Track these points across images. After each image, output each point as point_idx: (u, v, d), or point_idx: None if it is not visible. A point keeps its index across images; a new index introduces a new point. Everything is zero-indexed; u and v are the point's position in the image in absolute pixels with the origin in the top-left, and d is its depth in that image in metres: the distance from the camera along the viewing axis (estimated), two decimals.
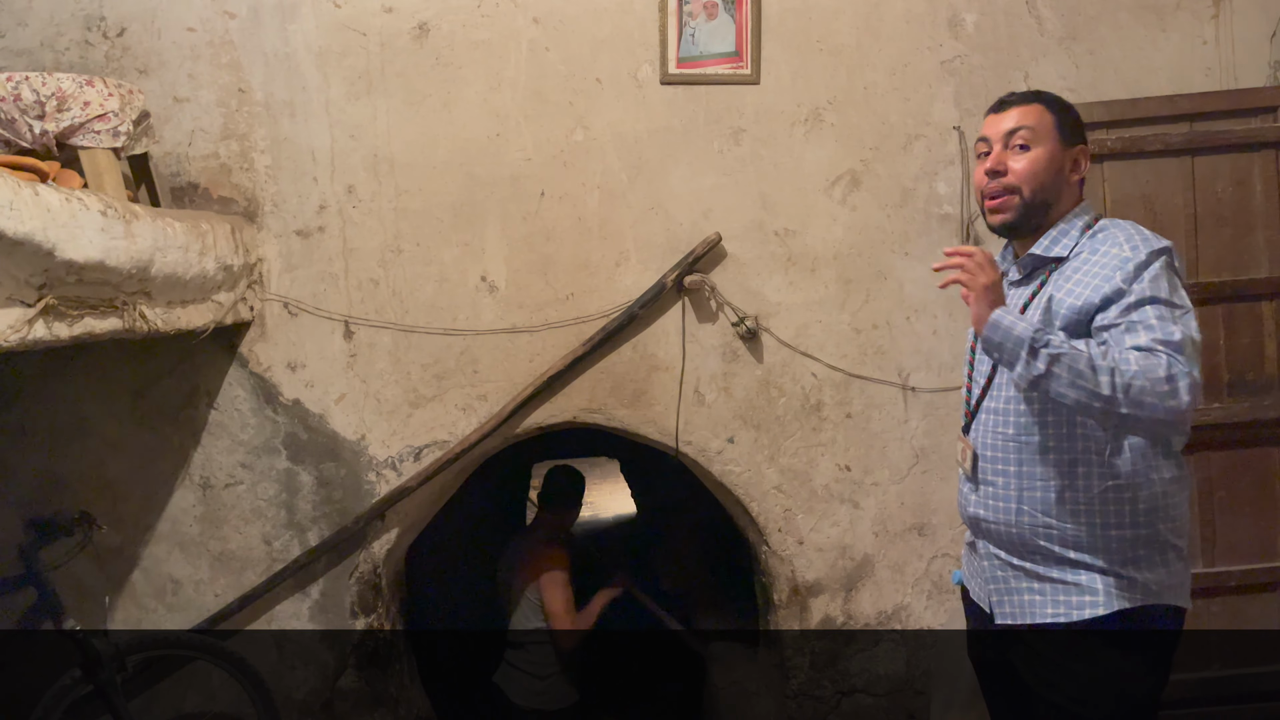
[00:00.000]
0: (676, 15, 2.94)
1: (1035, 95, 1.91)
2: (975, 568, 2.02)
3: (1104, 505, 1.78)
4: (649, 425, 3.05)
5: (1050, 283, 1.85)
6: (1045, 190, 1.86)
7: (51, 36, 2.92)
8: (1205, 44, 2.95)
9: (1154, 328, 1.66)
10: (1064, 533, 1.80)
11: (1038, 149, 1.85)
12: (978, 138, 1.95)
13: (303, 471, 3.01)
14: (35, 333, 1.95)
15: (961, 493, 2.02)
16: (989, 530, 1.92)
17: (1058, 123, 1.87)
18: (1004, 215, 1.89)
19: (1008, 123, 1.87)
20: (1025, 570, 1.86)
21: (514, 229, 2.99)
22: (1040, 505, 1.82)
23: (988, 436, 1.90)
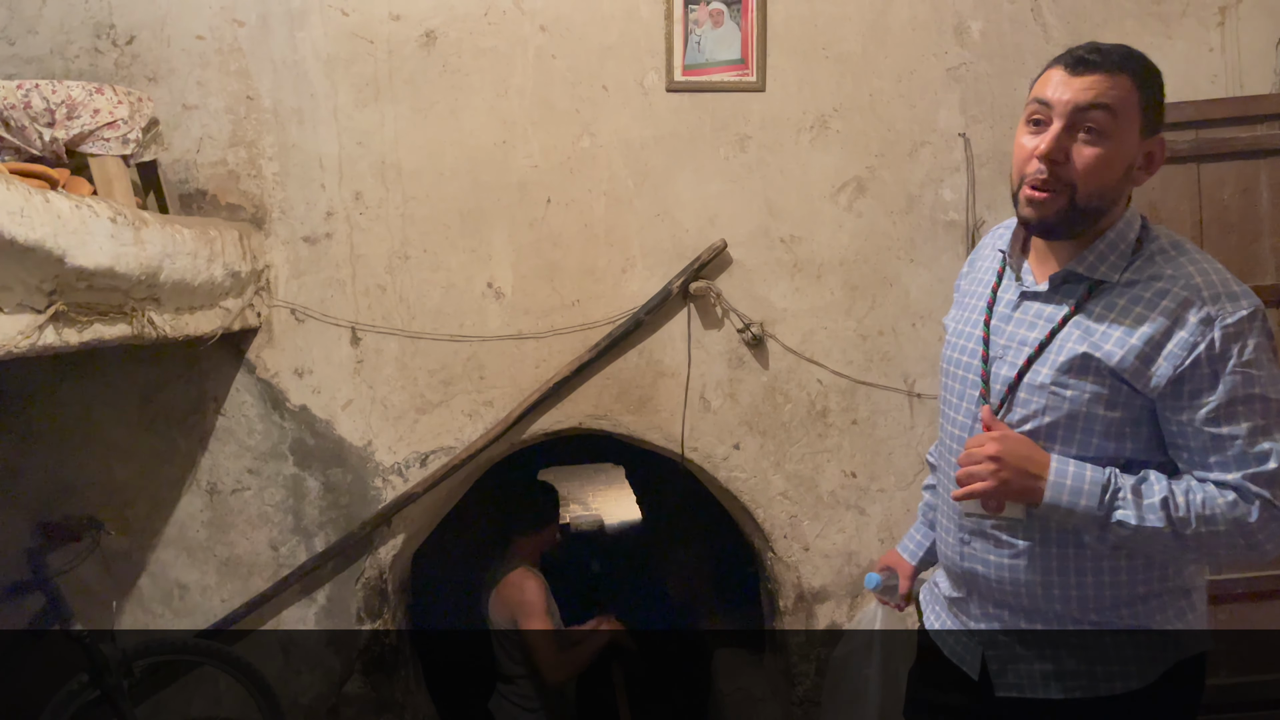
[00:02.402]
0: (682, 23, 2.95)
1: (1126, 57, 1.43)
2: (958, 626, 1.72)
3: (1131, 561, 1.50)
4: (655, 431, 3.05)
5: (1085, 311, 1.49)
6: (1105, 195, 1.46)
7: (61, 44, 2.94)
8: (1211, 51, 2.95)
9: (1245, 455, 1.40)
10: (1085, 593, 1.52)
11: (1112, 141, 1.42)
12: (1036, 97, 1.47)
13: (309, 477, 3.01)
14: (45, 338, 1.96)
15: (945, 541, 1.69)
16: (990, 589, 1.61)
17: (1143, 104, 1.43)
18: (1042, 213, 1.47)
19: (1083, 93, 1.41)
20: (1035, 635, 1.57)
21: (521, 235, 3.00)
22: (1058, 563, 1.52)
23: None
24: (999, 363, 1.58)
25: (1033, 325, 1.55)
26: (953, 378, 1.68)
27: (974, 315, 1.67)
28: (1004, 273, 1.66)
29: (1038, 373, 1.51)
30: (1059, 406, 1.49)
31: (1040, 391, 1.50)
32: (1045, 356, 1.51)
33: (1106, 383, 1.46)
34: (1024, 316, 1.57)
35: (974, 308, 1.69)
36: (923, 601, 1.88)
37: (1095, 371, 1.46)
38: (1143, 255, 1.50)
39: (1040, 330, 1.53)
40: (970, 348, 1.65)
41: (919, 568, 2.01)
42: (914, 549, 2.02)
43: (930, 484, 2.01)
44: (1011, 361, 1.56)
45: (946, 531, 1.70)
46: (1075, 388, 1.47)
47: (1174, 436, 1.47)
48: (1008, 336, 1.58)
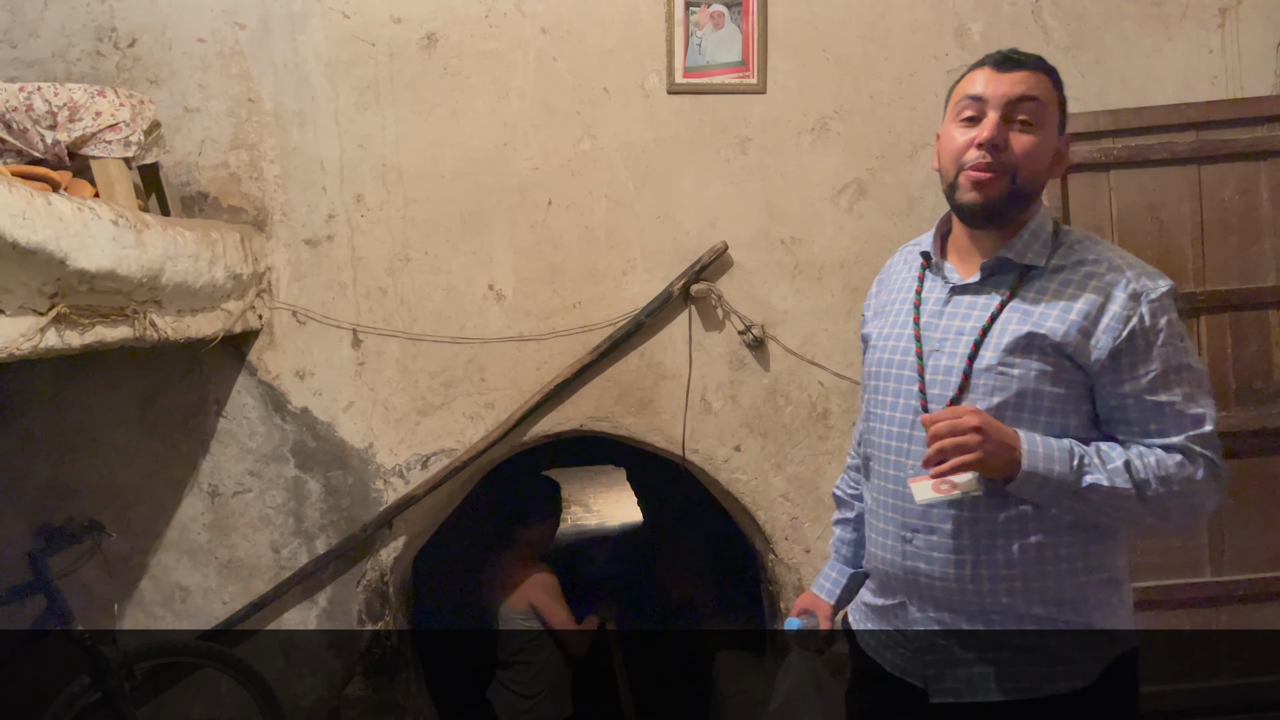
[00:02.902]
0: (683, 25, 2.95)
1: (1043, 62, 1.58)
2: (895, 636, 1.70)
3: (1072, 549, 1.55)
4: (656, 433, 3.05)
5: (1019, 297, 1.57)
6: (1037, 181, 1.58)
7: (63, 47, 2.95)
8: (1211, 53, 2.95)
9: (1184, 417, 1.49)
10: (1029, 585, 1.54)
11: (1043, 131, 1.55)
12: (966, 94, 1.59)
13: (311, 479, 3.02)
14: (47, 341, 1.96)
15: (883, 544, 1.68)
16: (930, 587, 1.60)
17: (1060, 103, 1.60)
18: (988, 194, 1.55)
19: (1015, 86, 1.54)
20: (977, 636, 1.57)
21: (521, 238, 3.00)
22: (1003, 556, 1.54)
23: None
24: (936, 355, 1.62)
25: (967, 316, 1.61)
26: (886, 379, 1.70)
27: (901, 319, 1.72)
28: (924, 277, 1.72)
29: (983, 357, 1.56)
30: (1008, 386, 1.53)
31: (988, 374, 1.55)
32: (988, 341, 1.56)
33: (1050, 360, 1.52)
34: (956, 310, 1.63)
35: (899, 312, 1.73)
36: (854, 623, 1.86)
37: (1039, 349, 1.52)
38: (1062, 244, 1.61)
39: (977, 319, 1.59)
40: (902, 347, 1.68)
41: (837, 606, 1.98)
42: (830, 587, 2.00)
43: (842, 518, 2.02)
44: (950, 352, 1.60)
45: (883, 535, 1.69)
46: (1021, 366, 1.53)
47: (1113, 410, 1.53)
48: (942, 330, 1.63)
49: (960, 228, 1.68)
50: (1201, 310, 2.83)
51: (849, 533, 2.00)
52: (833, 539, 2.05)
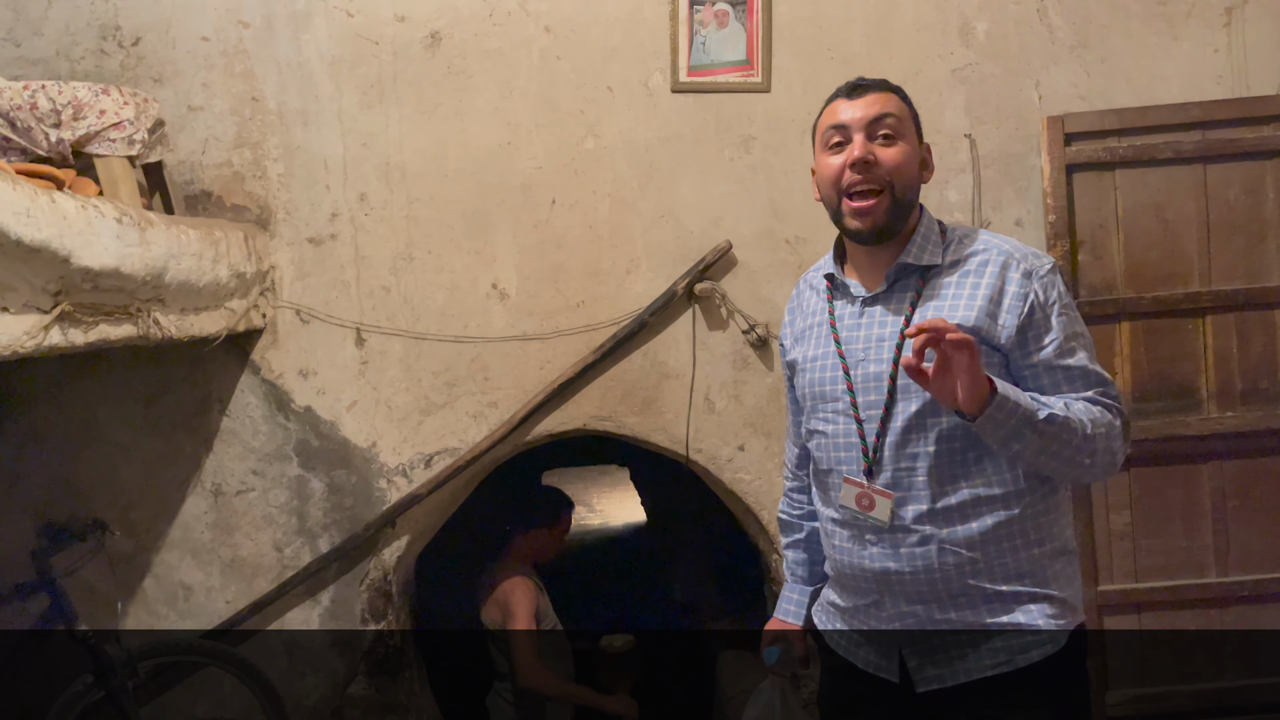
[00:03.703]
0: (687, 23, 2.95)
1: (886, 84, 1.74)
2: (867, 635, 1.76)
3: (1024, 523, 1.63)
4: (659, 433, 3.05)
5: (926, 297, 1.68)
6: (912, 188, 1.70)
7: (67, 46, 2.95)
8: (1217, 52, 2.94)
9: (1090, 375, 1.63)
10: (991, 564, 1.62)
11: (905, 141, 1.69)
12: (828, 126, 1.72)
13: (314, 478, 3.02)
14: (51, 339, 1.96)
15: (846, 550, 1.74)
16: (904, 584, 1.67)
17: (914, 115, 1.74)
18: (875, 218, 1.67)
19: (870, 107, 1.68)
20: (950, 621, 1.65)
21: (525, 237, 3.00)
22: (964, 540, 1.62)
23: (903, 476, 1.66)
24: (863, 364, 1.72)
25: (883, 323, 1.71)
26: (820, 398, 1.78)
27: (820, 338, 1.81)
28: (833, 298, 1.82)
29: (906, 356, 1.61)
30: None
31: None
32: (908, 342, 1.61)
33: None
34: (870, 320, 1.73)
35: (818, 335, 1.82)
36: (820, 624, 1.91)
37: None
38: (951, 241, 1.74)
39: (893, 324, 1.70)
40: (830, 364, 1.77)
41: (806, 626, 2.03)
42: (795, 610, 2.05)
43: (792, 540, 2.08)
44: (875, 359, 1.70)
45: (849, 542, 1.74)
46: None
47: (1027, 380, 1.64)
48: (863, 341, 1.73)
49: (855, 246, 1.78)
50: (1207, 310, 2.83)
51: (801, 553, 2.07)
52: (786, 562, 2.12)
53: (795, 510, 2.06)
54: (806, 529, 2.04)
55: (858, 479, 1.70)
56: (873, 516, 1.68)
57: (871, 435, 1.69)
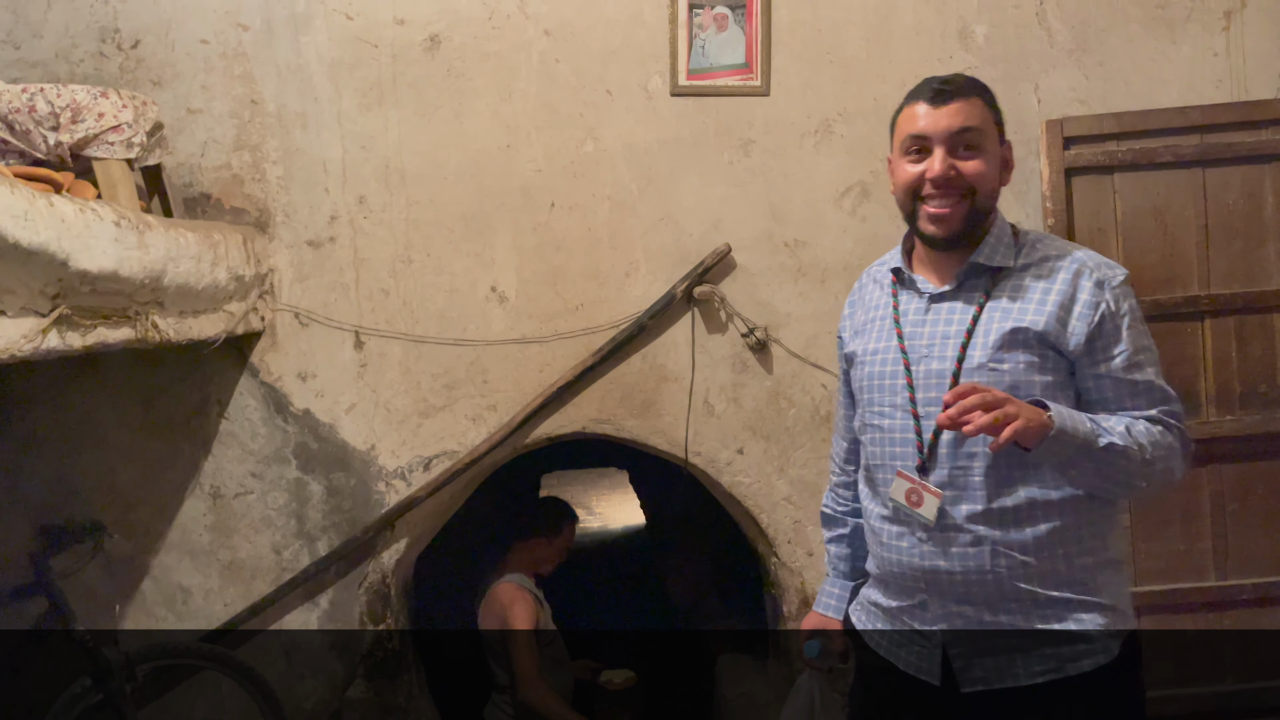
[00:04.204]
0: (687, 27, 2.95)
1: (972, 84, 1.71)
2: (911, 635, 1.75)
3: (1078, 530, 1.63)
4: (658, 436, 3.05)
5: (996, 298, 1.68)
6: (992, 195, 1.71)
7: (66, 48, 2.95)
8: (1216, 56, 2.94)
9: (1155, 391, 1.63)
10: (1043, 569, 1.62)
11: (986, 152, 1.68)
12: (907, 134, 1.71)
13: (312, 481, 3.01)
14: (49, 342, 1.96)
15: (895, 548, 1.74)
16: (953, 583, 1.66)
17: (996, 120, 1.72)
18: (951, 226, 1.68)
19: (952, 120, 1.66)
20: (999, 624, 1.64)
21: (524, 239, 3.00)
22: (1017, 544, 1.62)
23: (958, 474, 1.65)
24: (926, 360, 1.71)
25: (949, 321, 1.71)
26: (880, 390, 1.78)
27: (884, 333, 1.80)
28: (898, 292, 1.82)
29: (972, 357, 1.65)
30: (999, 380, 1.61)
31: (979, 371, 1.64)
32: (975, 341, 1.66)
33: (1035, 350, 1.63)
34: (937, 317, 1.73)
35: (880, 328, 1.82)
36: (859, 622, 1.91)
37: (1024, 342, 1.63)
38: (1024, 245, 1.73)
39: (959, 323, 1.69)
40: (890, 359, 1.76)
41: (846, 620, 2.02)
42: (836, 604, 2.05)
43: (836, 535, 2.08)
44: (939, 356, 1.70)
45: (897, 539, 1.74)
46: (1010, 360, 1.63)
47: (1092, 391, 1.65)
48: (927, 337, 1.73)
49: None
50: (1206, 314, 2.83)
51: (844, 548, 2.07)
52: (828, 556, 2.11)
53: (840, 506, 2.06)
54: (850, 524, 2.03)
55: (910, 474, 1.70)
56: (919, 513, 1.67)
57: (929, 432, 1.68)
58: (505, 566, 3.33)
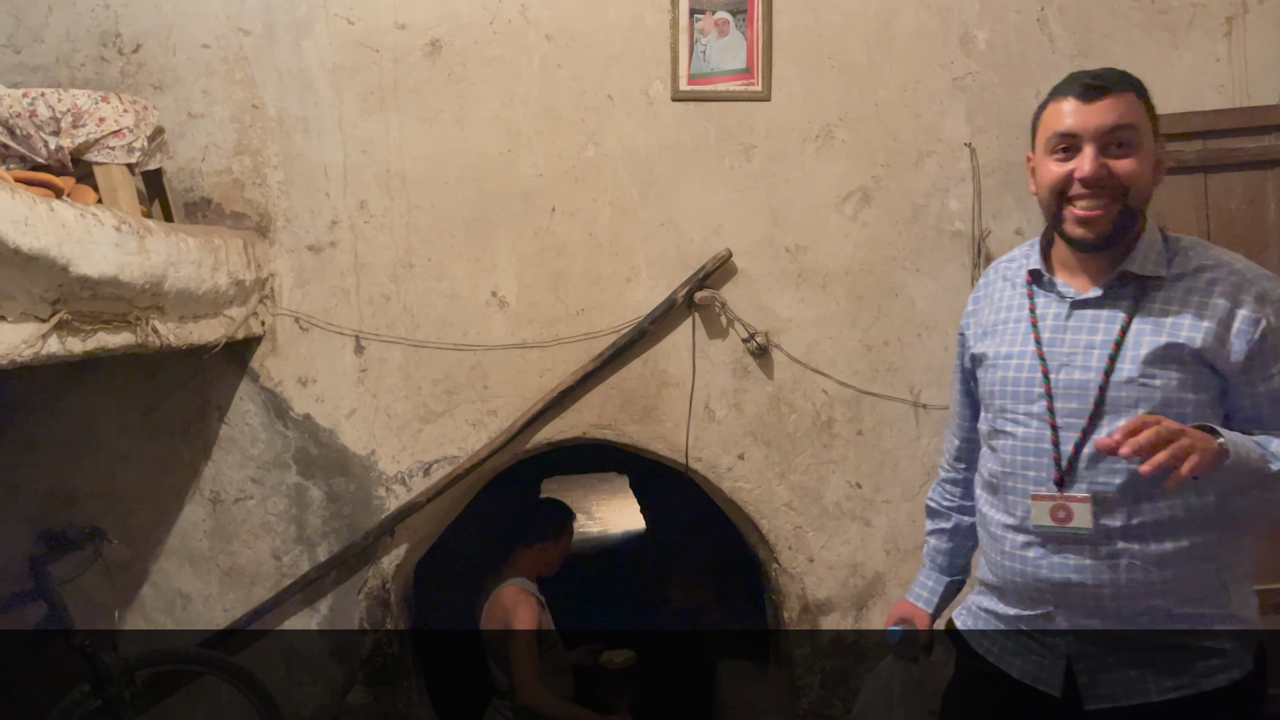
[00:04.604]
0: (688, 32, 2.94)
1: (1124, 78, 1.59)
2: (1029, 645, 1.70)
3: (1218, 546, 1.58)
4: (659, 441, 3.04)
5: (1145, 309, 1.59)
6: (1145, 197, 1.60)
7: (67, 53, 2.95)
8: (1218, 61, 2.94)
9: None
10: (1180, 585, 1.57)
11: (1140, 150, 1.57)
12: (1056, 131, 1.61)
13: (312, 486, 3.01)
14: (49, 347, 1.95)
15: (1023, 557, 1.67)
16: (1084, 595, 1.61)
17: (1150, 115, 1.60)
18: (1101, 228, 1.58)
19: (1104, 117, 1.56)
20: (1129, 639, 1.59)
21: (525, 244, 2.99)
22: (1155, 558, 1.56)
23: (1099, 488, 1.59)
24: (1067, 369, 1.63)
25: (1094, 330, 1.63)
26: (1014, 397, 1.70)
27: (1019, 336, 1.72)
28: (1034, 294, 1.73)
29: (1121, 370, 1.58)
30: (1151, 397, 1.56)
31: (1130, 386, 1.57)
32: (1124, 354, 1.58)
33: (1189, 367, 1.55)
34: (1080, 324, 1.64)
35: (1015, 330, 1.74)
36: (966, 628, 1.86)
37: (1178, 359, 1.55)
38: (1177, 252, 1.62)
39: (1105, 332, 1.61)
40: (1027, 365, 1.69)
41: (935, 614, 2.03)
42: (928, 596, 2.05)
43: (938, 529, 2.06)
44: (1082, 366, 1.62)
45: (1022, 549, 1.68)
46: (1163, 376, 1.56)
47: (1248, 409, 1.58)
48: (1069, 344, 1.64)
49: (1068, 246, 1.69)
50: None
51: (945, 542, 2.04)
52: (927, 548, 2.09)
53: (947, 501, 2.03)
54: (954, 520, 2.01)
55: (1047, 491, 1.63)
56: (1071, 528, 1.60)
57: (1068, 444, 1.61)
58: (509, 570, 3.32)
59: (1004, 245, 2.96)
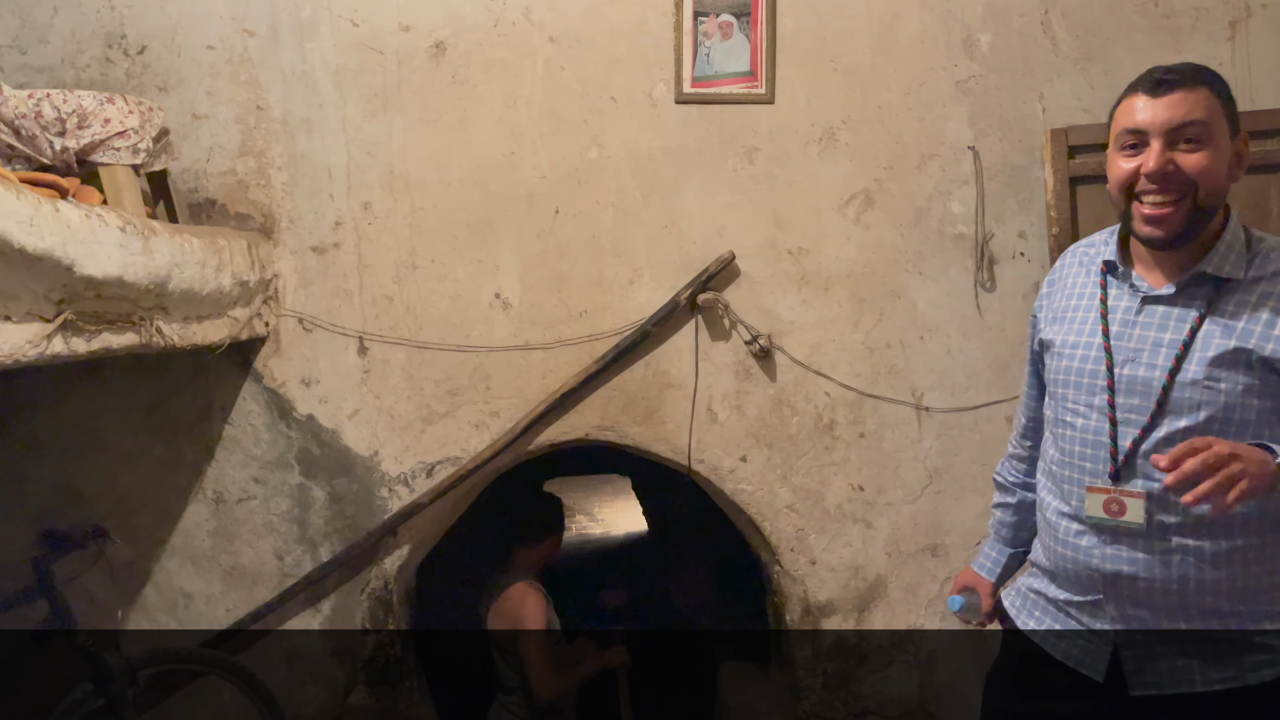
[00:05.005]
0: (691, 34, 2.95)
1: (1197, 73, 1.57)
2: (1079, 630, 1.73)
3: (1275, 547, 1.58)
4: (661, 443, 3.05)
5: (1219, 310, 1.57)
6: (1218, 193, 1.57)
7: (73, 54, 2.96)
8: (1221, 65, 2.94)
9: None
10: (1233, 583, 1.57)
11: (1211, 145, 1.54)
12: (1124, 128, 1.60)
13: (315, 487, 3.01)
14: (53, 347, 1.96)
15: (1076, 545, 1.69)
16: (1134, 587, 1.62)
17: (1226, 111, 1.57)
18: (1169, 227, 1.57)
19: (1172, 111, 1.54)
20: (1179, 632, 1.60)
21: (528, 246, 3.00)
22: (1210, 556, 1.57)
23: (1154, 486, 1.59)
24: (1131, 365, 1.63)
25: (1163, 327, 1.62)
26: (1077, 388, 1.71)
27: (1087, 326, 1.72)
28: (1107, 284, 1.72)
29: (1187, 371, 1.57)
30: (1214, 400, 1.55)
31: (1194, 388, 1.56)
32: (1191, 354, 1.57)
33: (1257, 373, 1.53)
34: (1150, 320, 1.64)
35: (1085, 320, 1.73)
36: (1013, 608, 1.90)
37: (1246, 364, 1.53)
38: (1259, 254, 1.60)
39: (1175, 331, 1.60)
40: (1093, 356, 1.69)
41: (997, 584, 2.09)
42: (991, 566, 2.11)
43: (1004, 502, 2.11)
44: (1148, 363, 1.61)
45: (1076, 536, 1.70)
46: (1228, 380, 1.54)
47: None
48: (1136, 340, 1.64)
49: None
50: None
51: (1010, 516, 2.09)
52: (993, 520, 2.13)
53: (1012, 477, 2.07)
54: (1019, 495, 2.05)
55: (1102, 484, 1.64)
56: (1125, 521, 1.61)
57: (1126, 440, 1.62)
58: (513, 568, 3.32)
59: (1006, 249, 2.96)
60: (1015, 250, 2.96)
